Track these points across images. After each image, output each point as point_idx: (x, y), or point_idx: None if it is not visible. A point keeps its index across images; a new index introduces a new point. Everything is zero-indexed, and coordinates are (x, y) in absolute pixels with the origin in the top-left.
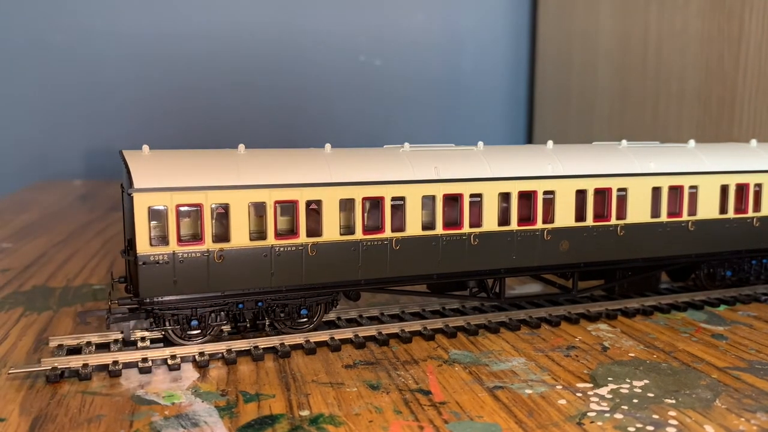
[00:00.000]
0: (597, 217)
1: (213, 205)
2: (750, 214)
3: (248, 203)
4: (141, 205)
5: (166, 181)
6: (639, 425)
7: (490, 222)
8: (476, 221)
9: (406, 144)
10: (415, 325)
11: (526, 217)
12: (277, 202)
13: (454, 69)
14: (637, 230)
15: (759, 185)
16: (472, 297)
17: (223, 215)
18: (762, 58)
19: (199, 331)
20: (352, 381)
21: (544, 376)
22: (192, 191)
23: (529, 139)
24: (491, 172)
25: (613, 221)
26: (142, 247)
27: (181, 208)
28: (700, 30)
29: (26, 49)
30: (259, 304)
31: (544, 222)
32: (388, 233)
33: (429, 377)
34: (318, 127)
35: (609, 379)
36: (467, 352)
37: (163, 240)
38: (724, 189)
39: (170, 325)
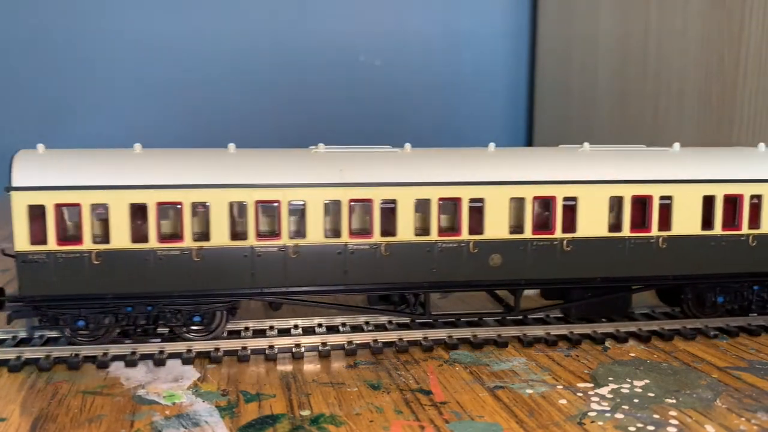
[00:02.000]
0: (538, 229)
1: (92, 205)
2: (744, 231)
3: (128, 204)
4: (19, 203)
5: (45, 180)
6: (640, 425)
7: (405, 231)
8: (390, 229)
9: (321, 144)
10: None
11: (450, 227)
12: (159, 204)
13: (454, 69)
14: (590, 245)
15: (758, 197)
16: (398, 312)
17: (103, 215)
18: (762, 58)
19: (89, 332)
20: (353, 381)
21: (545, 376)
22: (71, 190)
23: (530, 139)
24: (409, 176)
25: (559, 234)
26: (21, 245)
27: (61, 208)
28: (701, 30)
29: (26, 49)
30: (149, 308)
31: (471, 233)
32: (285, 239)
33: (430, 377)
34: (318, 126)
35: (610, 378)
36: (468, 352)
37: (42, 239)
38: (709, 200)
39: (62, 324)
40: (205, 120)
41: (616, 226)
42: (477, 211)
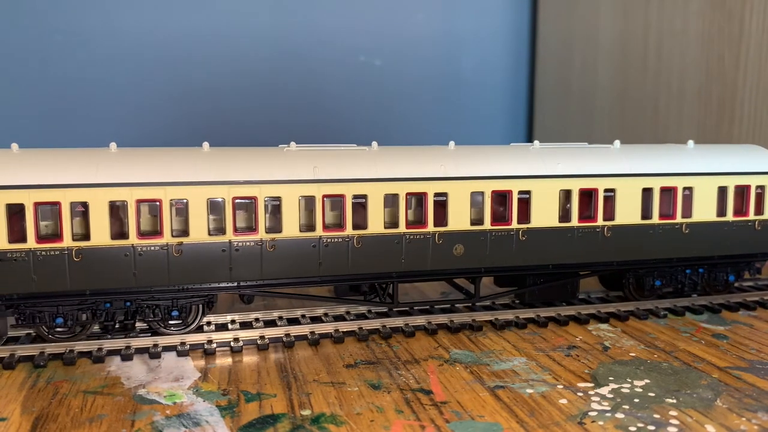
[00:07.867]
0: (496, 220)
1: (71, 203)
2: (678, 220)
3: (107, 201)
4: None
5: (24, 179)
6: (640, 425)
7: (375, 224)
8: (361, 223)
9: (293, 143)
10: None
11: (417, 220)
12: (138, 201)
13: (454, 68)
14: (543, 235)
15: (689, 189)
16: (366, 302)
17: (83, 213)
18: (762, 58)
19: (67, 329)
20: (354, 380)
21: (545, 376)
22: (50, 189)
23: (530, 139)
24: (378, 172)
25: (515, 225)
26: None
27: (40, 206)
28: (701, 30)
29: (23, 50)
30: (127, 304)
31: (436, 225)
32: (262, 234)
33: (430, 377)
34: (318, 126)
35: (610, 378)
36: (468, 352)
37: (22, 236)
38: (648, 192)
39: (39, 322)
40: (204, 121)
41: (565, 217)
42: (440, 205)
